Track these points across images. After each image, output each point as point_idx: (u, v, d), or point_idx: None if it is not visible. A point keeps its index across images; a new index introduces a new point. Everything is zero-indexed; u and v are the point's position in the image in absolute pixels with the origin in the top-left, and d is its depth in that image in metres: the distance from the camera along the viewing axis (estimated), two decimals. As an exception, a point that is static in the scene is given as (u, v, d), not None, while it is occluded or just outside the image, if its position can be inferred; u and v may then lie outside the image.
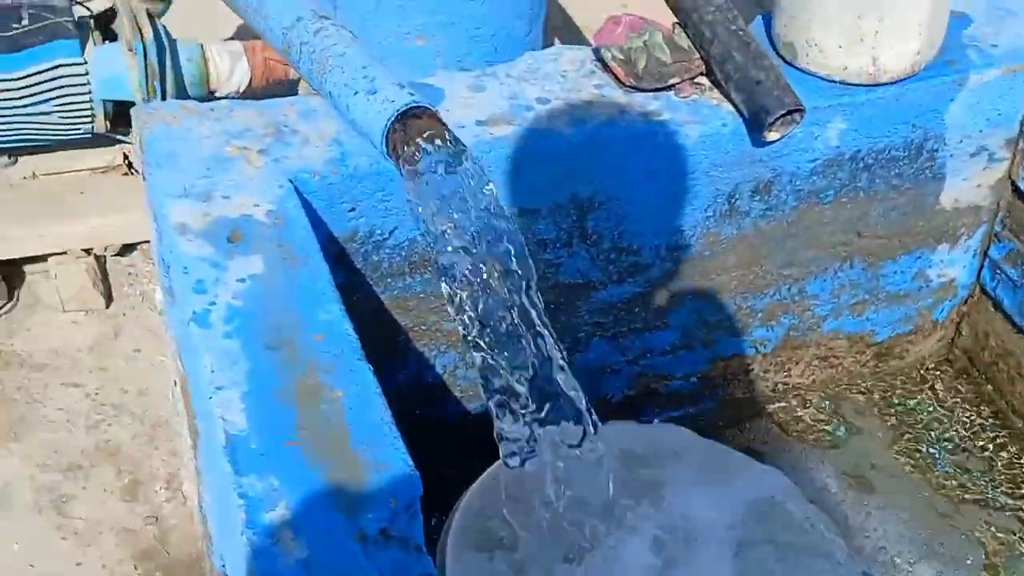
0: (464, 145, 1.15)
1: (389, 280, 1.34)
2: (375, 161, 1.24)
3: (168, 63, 1.88)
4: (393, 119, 1.16)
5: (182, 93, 1.94)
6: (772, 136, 1.33)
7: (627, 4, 2.83)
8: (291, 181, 1.21)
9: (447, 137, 1.15)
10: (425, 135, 1.15)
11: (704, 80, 1.38)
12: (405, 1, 1.80)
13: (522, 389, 1.14)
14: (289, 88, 2.17)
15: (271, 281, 1.08)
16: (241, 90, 2.01)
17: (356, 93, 1.21)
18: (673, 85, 1.36)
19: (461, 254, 1.13)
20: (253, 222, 1.15)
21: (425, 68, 1.78)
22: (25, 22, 1.77)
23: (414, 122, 1.17)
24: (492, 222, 1.14)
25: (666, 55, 1.35)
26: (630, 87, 1.36)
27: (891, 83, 1.41)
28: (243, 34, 2.21)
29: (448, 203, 1.14)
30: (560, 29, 2.64)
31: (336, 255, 1.28)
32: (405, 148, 1.16)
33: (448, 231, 1.13)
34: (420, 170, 1.15)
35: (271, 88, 2.10)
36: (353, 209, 1.27)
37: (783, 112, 1.30)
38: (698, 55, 1.36)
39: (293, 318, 1.05)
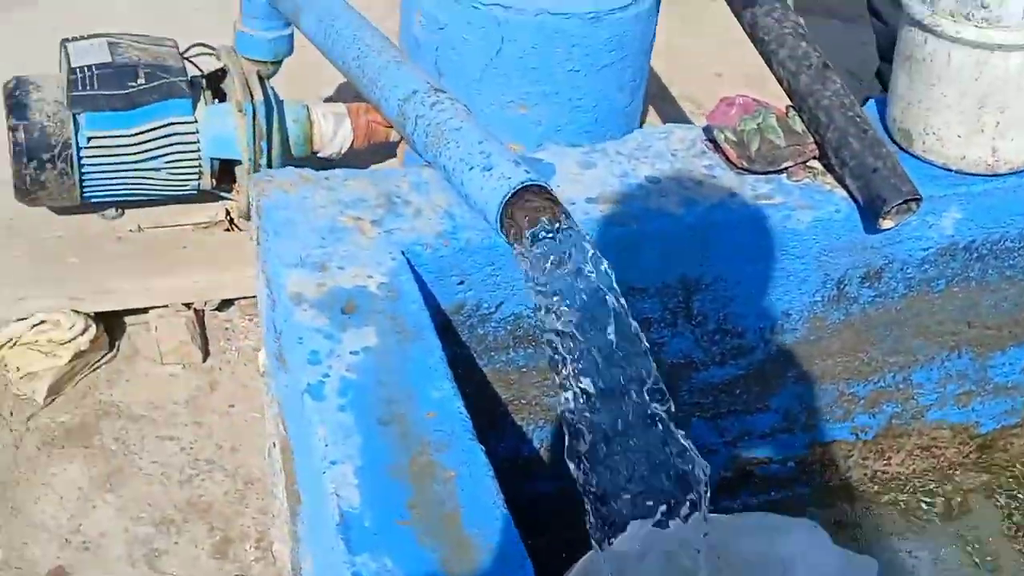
0: (577, 224, 1.15)
1: (493, 353, 1.34)
2: (486, 235, 1.25)
3: (275, 123, 1.91)
4: (508, 196, 1.17)
5: (287, 153, 1.97)
6: (887, 224, 1.31)
7: (722, 73, 2.84)
8: (403, 253, 1.22)
9: (561, 215, 1.15)
10: (539, 213, 1.15)
11: (817, 164, 1.37)
12: (510, 70, 1.82)
13: (623, 469, 1.13)
14: (389, 150, 2.21)
15: (384, 355, 1.09)
16: (343, 151, 2.05)
17: (472, 168, 1.22)
18: (786, 168, 1.35)
19: (572, 331, 1.13)
20: (367, 294, 1.16)
21: (525, 136, 1.81)
22: (141, 81, 1.82)
23: (529, 199, 1.17)
24: (604, 301, 1.14)
25: (780, 138, 1.35)
26: (742, 169, 1.35)
27: (1009, 173, 1.39)
28: (345, 94, 2.25)
29: (560, 281, 1.14)
30: (656, 98, 2.64)
31: (442, 327, 1.28)
32: (519, 225, 1.16)
33: (560, 309, 1.13)
34: (534, 247, 1.15)
35: (372, 149, 2.13)
36: (462, 282, 1.28)
37: (900, 201, 1.28)
38: (812, 139, 1.35)
39: (406, 393, 1.05)
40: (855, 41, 2.73)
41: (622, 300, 1.12)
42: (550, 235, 1.15)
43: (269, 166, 1.90)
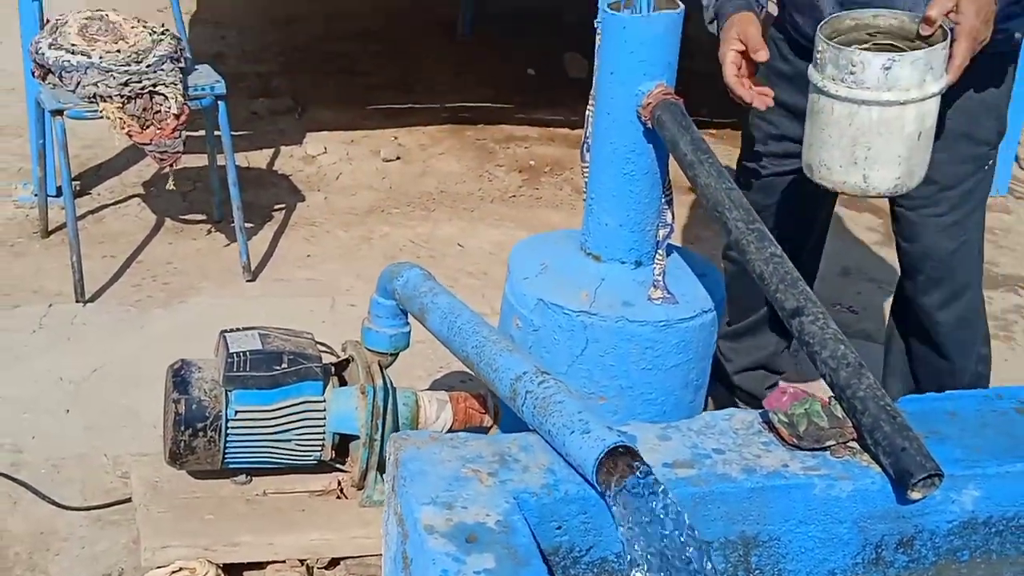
0: (660, 481, 1.44)
1: (582, 592, 1.58)
2: (582, 487, 1.52)
3: (389, 405, 2.24)
4: (603, 454, 1.46)
5: (395, 431, 2.29)
6: (915, 495, 1.57)
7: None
8: (515, 498, 1.50)
9: (647, 472, 1.43)
10: (629, 469, 1.44)
11: (856, 444, 1.65)
12: (592, 367, 2.15)
13: None
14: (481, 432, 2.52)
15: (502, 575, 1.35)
16: (444, 432, 2.36)
17: (572, 432, 1.52)
18: (829, 447, 1.64)
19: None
20: (486, 528, 1.43)
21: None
22: (284, 365, 2.18)
23: (620, 458, 1.46)
24: (686, 548, 1.40)
25: (824, 421, 1.64)
26: (792, 446, 1.64)
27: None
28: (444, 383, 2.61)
29: (646, 528, 1.41)
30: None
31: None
32: (612, 478, 1.45)
33: (646, 553, 1.40)
34: (623, 497, 1.43)
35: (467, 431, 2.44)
36: (560, 527, 1.54)
37: (924, 475, 1.55)
38: (851, 423, 1.64)
39: (521, 604, 1.30)
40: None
41: (697, 544, 1.38)
42: (637, 488, 1.44)
43: (382, 442, 2.21)
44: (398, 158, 4.34)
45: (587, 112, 2.17)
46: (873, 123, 1.89)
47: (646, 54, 2.01)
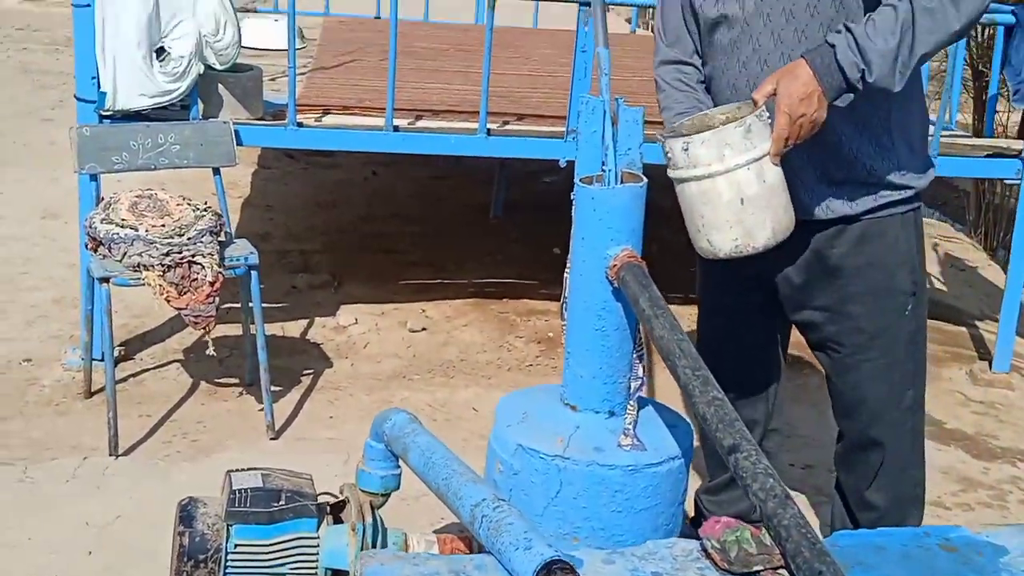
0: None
1: None
2: (526, 602, 1.68)
3: (379, 543, 2.40)
4: (540, 567, 1.62)
5: (386, 571, 2.44)
6: (834, 615, 1.70)
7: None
8: (462, 609, 1.66)
9: (579, 584, 1.59)
10: (563, 581, 1.60)
11: (784, 572, 1.79)
12: (567, 509, 2.30)
13: None
14: None
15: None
16: (432, 573, 2.50)
17: (517, 548, 1.69)
18: (758, 572, 1.77)
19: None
20: (432, 632, 1.59)
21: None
22: (282, 502, 2.36)
23: (557, 573, 1.62)
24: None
25: (753, 548, 1.78)
26: (724, 570, 1.78)
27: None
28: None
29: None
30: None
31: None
32: (546, 589, 1.60)
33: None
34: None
35: None
36: (505, 638, 1.69)
37: (841, 596, 1.68)
38: (778, 551, 1.78)
39: None
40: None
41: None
42: (569, 599, 1.59)
43: (371, 578, 2.36)
44: (424, 329, 4.60)
45: (565, 275, 2.40)
46: (695, 196, 2.26)
47: (613, 222, 2.25)
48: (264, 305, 3.74)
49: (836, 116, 2.32)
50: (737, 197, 2.24)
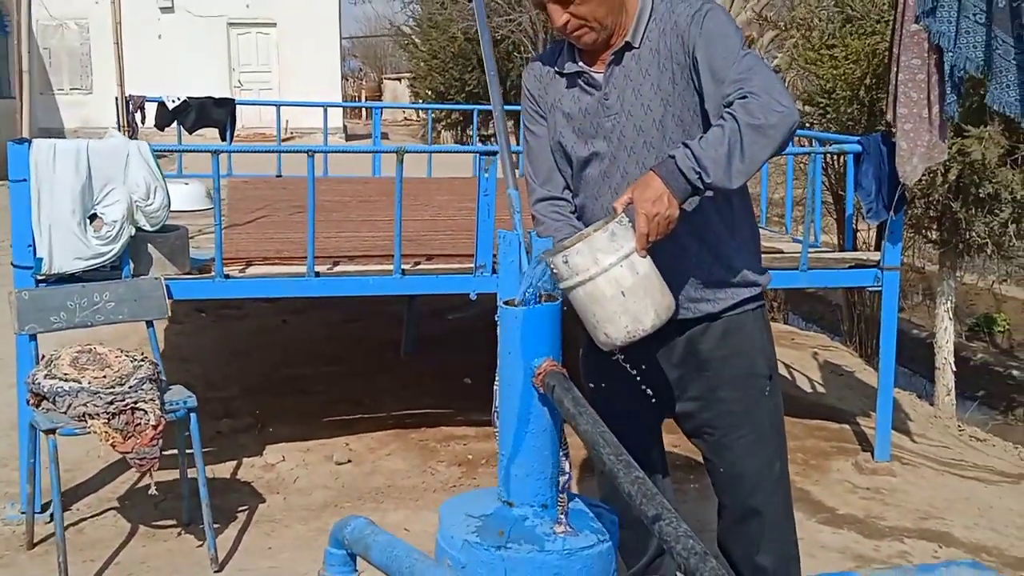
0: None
1: None
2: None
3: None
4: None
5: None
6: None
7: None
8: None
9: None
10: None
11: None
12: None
13: None
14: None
15: None
16: (392, 669, 2.73)
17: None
18: (686, 618, 2.08)
19: None
20: None
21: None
22: (254, 610, 2.58)
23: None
24: None
25: (680, 598, 2.09)
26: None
27: None
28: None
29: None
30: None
31: None
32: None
33: None
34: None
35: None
36: None
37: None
38: (701, 599, 2.10)
39: None
40: None
41: None
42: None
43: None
44: (349, 461, 4.84)
45: (494, 387, 2.73)
46: (584, 298, 2.55)
47: (535, 337, 2.60)
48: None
49: (688, 236, 2.77)
50: (618, 291, 2.59)
